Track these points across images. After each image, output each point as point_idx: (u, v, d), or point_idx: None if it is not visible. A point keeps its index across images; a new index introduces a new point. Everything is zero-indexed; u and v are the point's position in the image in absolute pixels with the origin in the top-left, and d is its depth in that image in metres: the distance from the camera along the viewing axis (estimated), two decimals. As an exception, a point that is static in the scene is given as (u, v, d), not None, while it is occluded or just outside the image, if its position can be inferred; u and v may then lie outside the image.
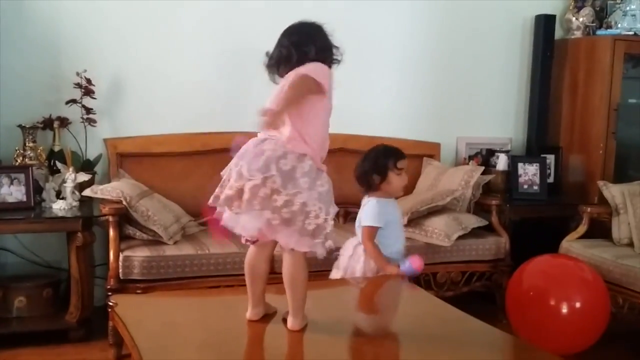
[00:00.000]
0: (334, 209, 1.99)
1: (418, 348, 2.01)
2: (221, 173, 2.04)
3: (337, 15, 3.98)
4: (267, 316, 2.14)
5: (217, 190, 2.02)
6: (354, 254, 2.89)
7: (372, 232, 2.83)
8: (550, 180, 4.30)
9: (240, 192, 1.92)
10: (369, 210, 2.85)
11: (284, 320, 2.08)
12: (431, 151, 4.27)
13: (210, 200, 2.01)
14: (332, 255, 2.75)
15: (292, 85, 1.94)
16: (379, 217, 2.83)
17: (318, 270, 2.72)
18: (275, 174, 1.90)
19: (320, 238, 1.94)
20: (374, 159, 2.88)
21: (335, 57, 2.10)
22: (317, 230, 1.93)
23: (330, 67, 2.09)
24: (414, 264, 2.76)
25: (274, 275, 2.19)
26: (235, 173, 1.95)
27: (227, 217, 1.99)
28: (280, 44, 2.09)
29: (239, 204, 1.93)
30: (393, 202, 2.95)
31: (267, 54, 2.12)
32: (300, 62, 2.04)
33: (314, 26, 2.12)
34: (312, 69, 2.00)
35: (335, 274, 2.91)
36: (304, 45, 2.05)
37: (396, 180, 2.86)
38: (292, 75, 2.00)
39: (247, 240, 2.07)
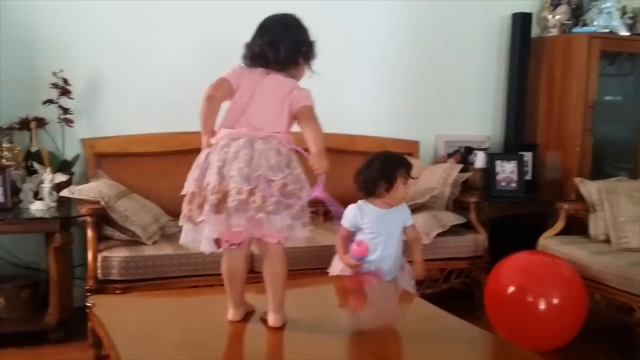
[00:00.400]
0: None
1: (396, 345, 2.03)
2: (184, 191, 2.01)
3: (316, 13, 3.96)
4: (247, 315, 2.15)
5: (185, 209, 1.99)
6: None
7: (341, 230, 2.94)
8: (528, 177, 4.34)
9: (249, 193, 1.90)
10: (345, 212, 2.90)
11: (262, 320, 2.09)
12: (410, 149, 4.29)
13: (181, 221, 2.01)
14: None
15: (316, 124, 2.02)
16: (348, 219, 2.92)
17: (297, 269, 2.74)
18: (291, 175, 1.96)
19: (304, 219, 1.98)
20: (383, 166, 2.88)
21: (311, 53, 2.11)
22: (301, 212, 1.97)
23: (307, 62, 2.11)
24: (355, 248, 2.77)
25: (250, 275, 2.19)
26: (241, 177, 1.91)
27: (212, 223, 1.95)
28: (257, 38, 2.09)
29: (250, 207, 1.90)
30: (389, 211, 2.94)
31: (245, 46, 2.12)
32: (278, 60, 2.05)
33: (291, 21, 2.12)
34: (308, 95, 2.07)
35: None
36: (281, 43, 2.06)
37: (402, 189, 2.90)
38: (301, 101, 2.05)
39: (231, 244, 2.05)
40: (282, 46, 2.06)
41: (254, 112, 2.03)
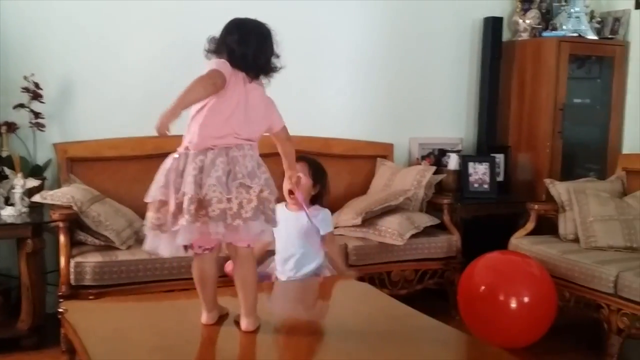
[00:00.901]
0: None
1: (368, 345, 2.05)
2: (150, 199, 2.01)
3: (289, 15, 4.04)
4: (220, 318, 2.15)
5: (153, 217, 1.98)
6: None
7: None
8: (500, 178, 4.41)
9: (228, 201, 1.90)
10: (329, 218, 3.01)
11: (236, 323, 2.10)
12: (384, 152, 4.33)
13: (147, 230, 2.02)
14: None
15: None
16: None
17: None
18: (264, 180, 1.98)
19: (272, 223, 2.01)
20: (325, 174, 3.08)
21: (275, 67, 2.09)
22: (273, 216, 2.00)
23: (269, 75, 2.09)
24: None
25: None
26: (220, 185, 1.90)
27: (188, 231, 1.93)
28: (240, 41, 2.04)
29: (227, 214, 1.90)
30: (294, 215, 2.96)
31: (210, 39, 2.09)
32: (258, 69, 2.06)
33: (266, 31, 2.09)
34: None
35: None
36: (263, 52, 2.05)
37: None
38: (281, 121, 2.21)
39: (204, 250, 2.06)
40: (262, 56, 2.05)
41: (244, 124, 1.99)
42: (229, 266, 2.72)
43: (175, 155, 2.00)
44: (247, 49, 2.03)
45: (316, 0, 4.11)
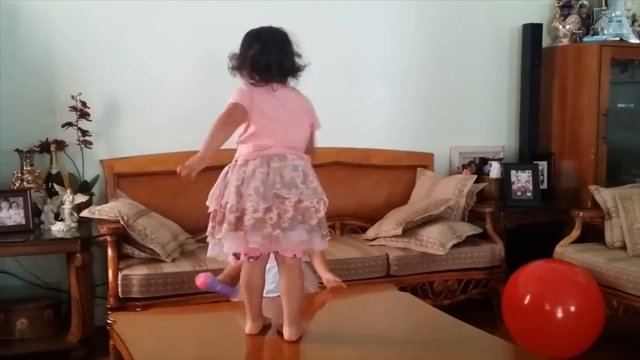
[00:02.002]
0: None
1: (411, 355, 2.04)
2: (210, 204, 2.05)
3: (326, 29, 4.09)
4: (264, 328, 2.17)
5: (209, 225, 2.03)
6: None
7: None
8: (544, 186, 4.35)
9: (265, 211, 1.94)
10: None
11: (279, 332, 2.12)
12: (424, 161, 4.32)
13: (224, 230, 2.00)
14: None
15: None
16: None
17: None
18: (307, 190, 1.97)
19: (322, 231, 2.01)
20: None
21: (299, 67, 2.10)
22: (319, 225, 2.00)
23: (294, 77, 2.11)
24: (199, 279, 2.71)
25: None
26: (257, 195, 1.94)
27: (231, 240, 1.98)
28: (262, 51, 2.07)
29: (266, 224, 1.94)
30: None
31: (231, 56, 2.15)
32: (293, 67, 2.08)
33: (284, 35, 2.11)
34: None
35: None
36: (286, 56, 2.07)
37: None
38: (313, 117, 2.12)
39: (249, 257, 2.10)
40: (286, 60, 2.08)
41: (283, 131, 2.03)
42: (199, 279, 2.71)
43: (226, 168, 2.06)
44: (270, 57, 2.06)
45: (351, 11, 4.14)
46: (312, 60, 2.12)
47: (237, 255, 2.08)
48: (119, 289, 3.11)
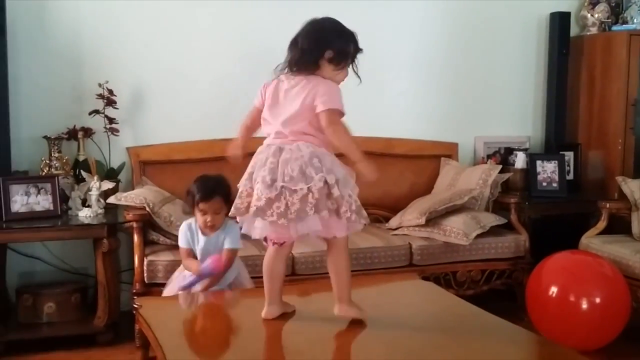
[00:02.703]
0: (354, 187, 2.09)
1: (435, 343, 2.05)
2: (237, 185, 2.13)
3: (352, 17, 4.03)
4: (285, 315, 2.19)
5: (236, 201, 2.10)
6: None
7: (180, 249, 2.84)
8: (570, 177, 4.30)
9: (270, 200, 1.99)
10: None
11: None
12: (449, 151, 4.30)
13: (232, 211, 2.11)
14: None
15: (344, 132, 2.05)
16: (180, 237, 2.83)
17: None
18: (317, 176, 1.98)
19: (363, 214, 2.06)
20: (189, 188, 2.81)
21: (355, 53, 2.13)
22: (360, 209, 2.05)
23: (348, 65, 2.14)
24: (212, 263, 2.67)
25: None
26: (263, 185, 2.00)
27: (259, 225, 2.06)
28: (297, 42, 2.11)
29: (271, 212, 1.99)
30: (208, 236, 2.85)
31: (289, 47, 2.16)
32: (317, 63, 2.08)
33: (331, 23, 2.15)
34: (331, 97, 2.05)
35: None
36: (300, 44, 2.09)
37: (199, 217, 2.78)
38: (322, 99, 2.04)
39: (274, 243, 2.13)
40: (299, 48, 2.10)
41: (279, 117, 2.09)
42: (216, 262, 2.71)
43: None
44: (290, 50, 2.13)
45: (376, 1, 4.12)
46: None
47: (266, 241, 2.14)
48: (145, 275, 3.15)
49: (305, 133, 2.06)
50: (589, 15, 4.44)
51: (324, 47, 2.09)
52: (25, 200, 3.28)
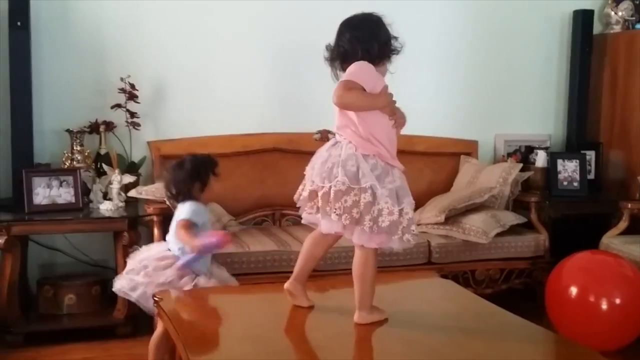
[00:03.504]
0: (409, 202, 2.04)
1: (454, 342, 2.04)
2: (305, 172, 2.16)
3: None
4: (305, 309, 2.20)
5: (299, 188, 2.16)
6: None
7: (187, 225, 2.71)
8: (591, 176, 4.27)
9: (312, 193, 2.05)
10: (187, 207, 2.77)
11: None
12: (469, 149, 4.28)
13: (294, 198, 2.17)
14: None
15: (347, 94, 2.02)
16: (197, 215, 2.77)
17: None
18: (340, 177, 1.98)
19: (397, 234, 1.99)
20: (194, 168, 2.81)
21: (395, 49, 2.18)
22: (392, 227, 1.98)
23: (390, 59, 2.18)
24: (220, 237, 2.60)
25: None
26: (309, 176, 2.09)
27: (305, 215, 2.13)
28: (338, 38, 2.13)
29: (311, 205, 2.06)
30: (205, 208, 2.89)
31: (327, 47, 2.16)
32: (354, 58, 2.09)
33: (374, 19, 2.16)
34: (351, 72, 2.05)
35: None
36: (366, 40, 2.10)
37: (215, 186, 2.85)
38: (342, 78, 2.07)
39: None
40: (336, 45, 2.13)
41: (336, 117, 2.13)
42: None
43: None
44: (335, 45, 2.14)
45: (399, -2, 4.10)
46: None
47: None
48: (164, 268, 3.16)
49: (346, 125, 2.07)
50: (612, 13, 4.40)
51: (369, 39, 2.11)
52: (47, 192, 3.32)
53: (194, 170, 2.81)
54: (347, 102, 2.04)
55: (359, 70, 2.06)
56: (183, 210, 2.77)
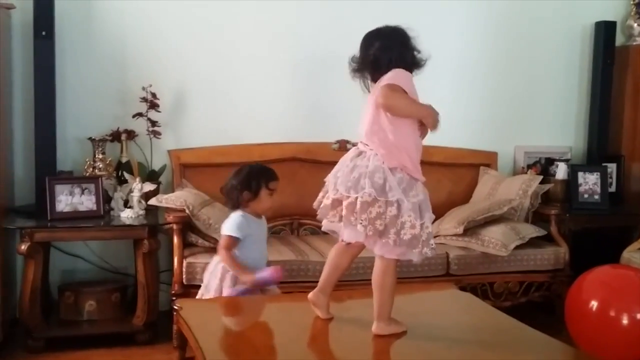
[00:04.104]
0: (429, 217, 2.07)
1: (473, 355, 2.03)
2: (325, 179, 2.17)
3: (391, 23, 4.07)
4: (324, 320, 2.20)
5: (320, 195, 2.16)
6: (214, 269, 2.87)
7: (229, 242, 2.80)
8: (612, 189, 4.22)
9: (335, 202, 2.05)
10: (231, 220, 2.84)
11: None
12: (488, 160, 4.26)
13: (314, 205, 2.17)
14: None
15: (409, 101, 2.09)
16: (239, 229, 2.81)
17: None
18: (368, 189, 1.99)
19: (417, 247, 2.01)
20: (246, 177, 2.87)
21: (420, 61, 2.18)
22: (413, 240, 2.00)
23: (419, 69, 2.19)
24: (273, 273, 2.71)
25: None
26: (332, 185, 2.08)
27: (326, 223, 2.14)
28: (367, 48, 2.16)
29: (334, 214, 2.07)
30: (260, 220, 2.93)
31: (352, 59, 2.19)
32: (388, 67, 2.11)
33: (402, 29, 2.19)
34: (393, 77, 2.09)
35: (200, 292, 2.90)
36: (391, 50, 2.13)
37: (267, 199, 2.86)
38: (383, 83, 2.08)
39: (342, 241, 2.18)
40: (364, 54, 2.15)
41: (362, 122, 2.14)
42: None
43: None
44: (361, 56, 2.17)
45: (419, 7, 4.11)
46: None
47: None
48: (184, 276, 3.19)
49: (375, 133, 2.08)
50: (635, 24, 4.37)
51: (394, 49, 2.15)
52: (69, 200, 3.36)
53: (245, 179, 2.86)
54: (393, 103, 2.05)
55: (400, 75, 2.09)
56: (226, 224, 2.83)
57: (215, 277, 2.84)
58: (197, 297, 2.88)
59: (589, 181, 4.11)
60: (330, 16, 3.91)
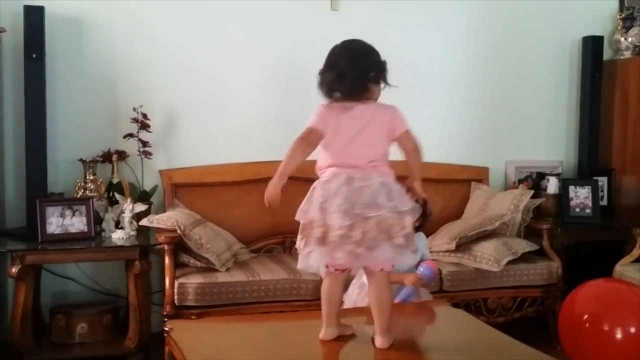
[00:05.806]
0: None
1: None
2: (296, 217, 2.09)
3: (382, 41, 4.07)
4: (340, 337, 2.19)
5: (298, 238, 2.09)
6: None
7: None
8: (603, 203, 4.24)
9: (349, 228, 1.98)
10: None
11: (372, 340, 2.14)
12: (479, 176, 4.27)
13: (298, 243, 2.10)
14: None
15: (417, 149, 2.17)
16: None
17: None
18: (388, 204, 2.00)
19: (411, 247, 2.05)
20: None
21: (381, 75, 2.15)
22: (408, 240, 2.03)
23: (379, 83, 2.15)
24: (430, 265, 2.82)
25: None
26: (340, 213, 1.99)
27: (318, 253, 2.04)
28: (327, 72, 2.13)
29: (350, 240, 1.99)
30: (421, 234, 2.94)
31: (319, 76, 2.17)
32: (359, 82, 2.10)
33: (356, 47, 2.17)
34: (403, 118, 2.18)
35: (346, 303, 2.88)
36: (348, 76, 2.09)
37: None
38: (396, 123, 2.15)
39: (336, 270, 2.14)
40: (349, 79, 2.10)
41: (350, 149, 2.08)
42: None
43: (314, 184, 2.11)
44: (325, 78, 2.13)
45: (409, 23, 4.14)
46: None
47: (339, 268, 2.14)
48: (175, 297, 3.17)
49: (376, 160, 2.08)
50: (622, 39, 4.41)
51: (369, 71, 2.12)
52: (60, 221, 3.34)
53: None
54: (417, 158, 2.19)
55: (403, 115, 2.19)
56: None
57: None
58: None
59: (580, 195, 4.13)
60: (320, 35, 3.93)
